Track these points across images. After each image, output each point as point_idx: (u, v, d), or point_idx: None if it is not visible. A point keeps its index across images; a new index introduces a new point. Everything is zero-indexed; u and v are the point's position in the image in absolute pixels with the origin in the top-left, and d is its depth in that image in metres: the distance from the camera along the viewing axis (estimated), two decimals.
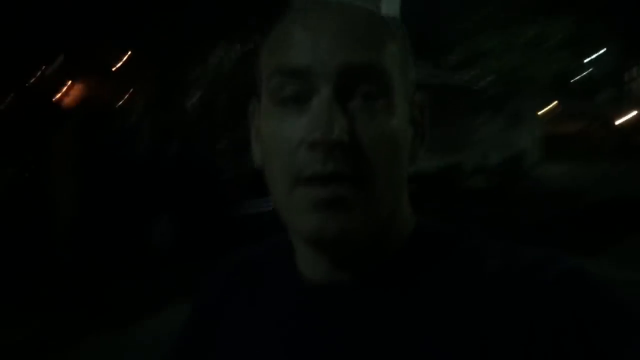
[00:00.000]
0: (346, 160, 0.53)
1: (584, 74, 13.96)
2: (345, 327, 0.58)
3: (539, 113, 13.95)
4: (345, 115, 0.53)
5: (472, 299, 0.53)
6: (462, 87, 12.03)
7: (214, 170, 5.79)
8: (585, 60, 13.46)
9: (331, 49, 0.54)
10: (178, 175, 6.66)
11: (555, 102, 14.51)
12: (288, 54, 0.56)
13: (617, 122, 15.27)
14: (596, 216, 8.55)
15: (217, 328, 0.69)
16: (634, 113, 15.07)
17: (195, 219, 6.42)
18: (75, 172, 6.31)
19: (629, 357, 0.46)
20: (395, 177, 0.57)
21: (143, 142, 7.45)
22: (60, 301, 5.27)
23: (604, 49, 13.25)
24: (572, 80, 13.80)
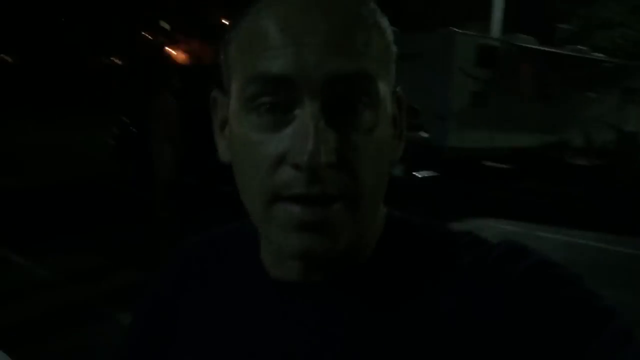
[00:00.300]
0: (334, 180, 0.48)
1: None
2: (319, 332, 0.55)
3: None
4: (333, 132, 0.48)
5: (447, 295, 0.52)
6: (574, 59, 11.28)
7: None
8: None
9: (318, 56, 0.48)
10: None
11: None
12: (265, 60, 0.49)
13: None
14: None
15: (173, 323, 0.64)
16: None
17: None
18: (174, 133, 6.52)
19: (595, 351, 0.46)
20: (381, 188, 0.54)
21: None
22: (158, 253, 5.55)
23: None
24: None
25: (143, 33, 27.58)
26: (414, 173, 7.80)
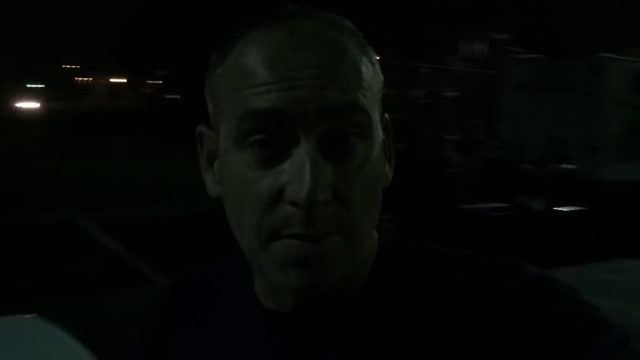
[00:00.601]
0: (330, 217, 0.49)
1: None
2: None
3: None
4: (329, 167, 0.49)
5: (443, 316, 0.52)
6: None
7: (446, 166, 5.78)
8: None
9: (310, 90, 0.48)
10: (413, 171, 6.68)
11: None
12: (257, 96, 0.49)
13: None
14: None
15: (163, 357, 0.65)
16: None
17: (419, 214, 6.44)
18: None
19: None
20: (374, 217, 0.54)
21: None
22: None
23: None
24: None
25: None
26: (556, 208, 7.36)
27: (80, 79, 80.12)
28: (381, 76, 0.56)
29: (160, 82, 41.39)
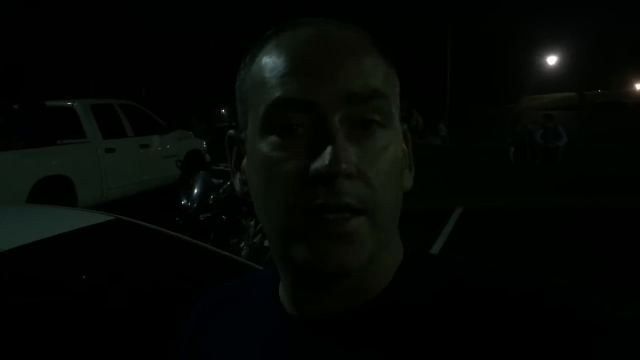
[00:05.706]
0: (354, 192, 0.50)
1: None
2: None
3: None
4: (354, 149, 0.51)
5: (468, 330, 0.51)
6: None
7: None
8: None
9: (334, 79, 0.51)
10: None
11: None
12: (285, 86, 0.52)
13: None
14: None
15: None
16: None
17: None
18: None
19: None
20: (395, 208, 0.55)
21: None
22: None
23: None
24: None
25: None
26: None
27: None
28: (398, 80, 0.59)
29: None
